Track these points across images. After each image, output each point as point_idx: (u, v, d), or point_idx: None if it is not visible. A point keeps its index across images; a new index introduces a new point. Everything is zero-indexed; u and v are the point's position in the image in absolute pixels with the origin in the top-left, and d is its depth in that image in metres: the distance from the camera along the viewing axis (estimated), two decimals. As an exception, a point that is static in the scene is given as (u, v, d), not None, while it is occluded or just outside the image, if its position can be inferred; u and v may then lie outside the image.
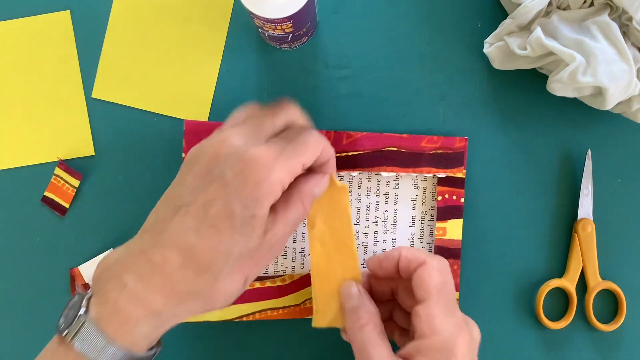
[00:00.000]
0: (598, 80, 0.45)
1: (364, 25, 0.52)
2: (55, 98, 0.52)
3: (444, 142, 0.50)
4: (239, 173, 0.37)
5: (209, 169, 0.39)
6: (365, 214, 0.52)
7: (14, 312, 0.51)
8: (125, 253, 0.39)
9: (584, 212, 0.52)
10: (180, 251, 0.38)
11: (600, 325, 0.52)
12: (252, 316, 0.51)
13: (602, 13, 0.47)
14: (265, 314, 0.51)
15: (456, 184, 0.51)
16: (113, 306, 0.37)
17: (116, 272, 0.38)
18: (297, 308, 0.51)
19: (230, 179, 0.38)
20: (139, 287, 0.37)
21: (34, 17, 0.52)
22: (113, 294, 0.38)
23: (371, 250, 0.52)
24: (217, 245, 0.38)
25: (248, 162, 0.38)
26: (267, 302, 0.51)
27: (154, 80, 0.52)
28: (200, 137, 0.49)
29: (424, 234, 0.52)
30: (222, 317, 0.50)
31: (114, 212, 0.52)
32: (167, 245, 0.38)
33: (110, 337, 0.37)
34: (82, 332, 0.37)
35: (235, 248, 0.38)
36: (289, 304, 0.51)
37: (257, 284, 0.50)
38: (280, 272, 0.52)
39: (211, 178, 0.38)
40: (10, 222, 0.51)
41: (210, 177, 0.38)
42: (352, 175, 0.51)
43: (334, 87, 0.52)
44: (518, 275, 0.52)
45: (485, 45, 0.50)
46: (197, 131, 0.49)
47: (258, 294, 0.50)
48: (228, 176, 0.38)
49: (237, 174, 0.38)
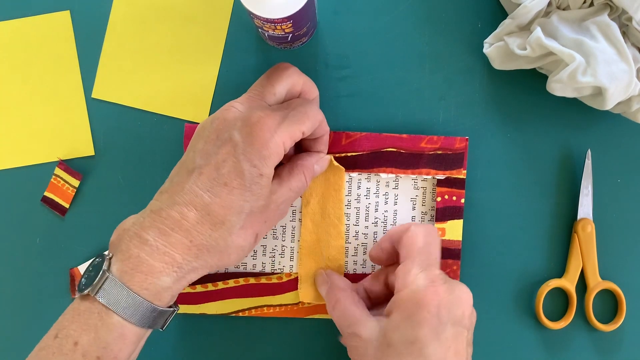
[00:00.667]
0: (598, 80, 0.45)
1: (364, 25, 0.52)
2: (55, 98, 0.52)
3: (444, 143, 0.50)
4: (247, 135, 0.41)
5: (218, 133, 0.42)
6: (364, 214, 0.52)
7: (14, 312, 0.51)
8: (141, 216, 0.42)
9: (583, 212, 0.52)
10: (197, 208, 0.41)
11: (600, 325, 0.52)
12: (247, 312, 0.51)
13: (602, 13, 0.47)
14: (261, 311, 0.51)
15: (456, 185, 0.51)
16: (136, 260, 0.40)
17: (137, 232, 0.41)
18: (295, 307, 0.51)
19: (239, 140, 0.41)
20: (159, 242, 0.40)
21: (34, 17, 0.52)
22: (135, 250, 0.40)
23: None
24: (230, 202, 0.41)
25: (254, 124, 0.41)
26: (263, 299, 0.51)
27: (154, 80, 0.52)
28: None
29: None
30: (218, 311, 0.51)
31: (114, 212, 0.52)
32: (184, 203, 0.41)
33: (134, 289, 0.39)
34: (105, 286, 0.39)
35: (246, 205, 0.41)
36: (286, 302, 0.51)
37: (251, 279, 0.51)
38: (278, 270, 0.52)
39: (221, 142, 0.41)
40: (10, 222, 0.52)
41: (220, 140, 0.42)
42: (352, 176, 0.51)
43: (334, 87, 0.52)
44: (518, 275, 0.52)
45: (485, 46, 0.50)
46: None
47: (253, 290, 0.51)
48: (236, 138, 0.41)
49: (245, 135, 0.41)
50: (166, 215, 0.41)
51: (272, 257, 0.51)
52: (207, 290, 0.51)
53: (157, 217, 0.41)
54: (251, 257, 0.52)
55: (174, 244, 0.40)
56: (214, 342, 0.52)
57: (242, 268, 0.52)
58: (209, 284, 0.51)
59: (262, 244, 0.51)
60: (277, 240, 0.51)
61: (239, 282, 0.51)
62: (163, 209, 0.41)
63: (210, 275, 0.51)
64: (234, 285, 0.51)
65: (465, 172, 0.51)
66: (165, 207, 0.41)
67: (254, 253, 0.52)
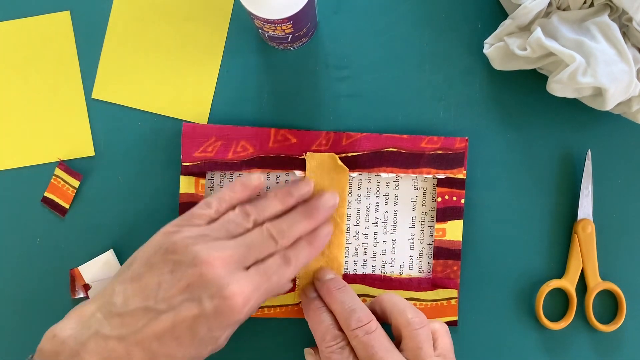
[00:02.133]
0: (598, 80, 0.45)
1: (364, 25, 0.52)
2: (55, 98, 0.52)
3: (444, 143, 0.50)
4: (216, 307, 0.40)
5: (189, 283, 0.41)
6: (365, 214, 0.52)
7: (14, 312, 0.51)
8: (86, 331, 0.41)
9: (583, 212, 0.52)
10: (144, 351, 0.40)
11: (600, 326, 0.52)
12: None
13: (602, 13, 0.47)
14: (261, 312, 0.51)
15: (456, 185, 0.51)
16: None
17: (77, 351, 0.40)
18: (296, 307, 0.51)
19: (206, 307, 0.40)
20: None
21: (34, 17, 0.52)
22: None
23: (371, 251, 0.52)
24: (176, 353, 0.41)
25: (226, 298, 0.41)
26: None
27: (154, 80, 0.52)
28: (198, 141, 0.49)
29: (424, 234, 0.52)
30: None
31: (114, 212, 0.52)
32: (134, 343, 0.40)
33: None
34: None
35: (191, 355, 0.42)
36: (287, 302, 0.51)
37: None
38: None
39: (190, 295, 0.41)
40: (10, 222, 0.52)
41: (190, 294, 0.41)
42: (352, 176, 0.51)
43: (334, 87, 0.52)
44: (518, 275, 0.52)
45: (485, 46, 0.50)
46: (194, 135, 0.50)
47: None
48: (205, 305, 0.40)
49: (214, 307, 0.40)
50: (112, 348, 0.40)
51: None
52: None
53: (103, 345, 0.40)
54: None
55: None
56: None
57: None
58: None
59: None
60: None
61: None
62: (110, 339, 0.40)
63: None
64: None
65: (466, 172, 0.51)
66: (113, 337, 0.40)
67: None
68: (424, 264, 0.52)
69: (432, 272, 0.51)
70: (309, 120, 0.52)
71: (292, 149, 0.50)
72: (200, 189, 0.50)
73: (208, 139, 0.50)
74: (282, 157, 0.50)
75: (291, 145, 0.50)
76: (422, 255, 0.52)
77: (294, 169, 0.51)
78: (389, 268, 0.52)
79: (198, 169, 0.50)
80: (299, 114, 0.52)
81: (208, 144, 0.50)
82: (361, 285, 0.51)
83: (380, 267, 0.52)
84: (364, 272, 0.52)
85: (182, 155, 0.50)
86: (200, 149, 0.50)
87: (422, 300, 0.51)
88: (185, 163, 0.50)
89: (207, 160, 0.50)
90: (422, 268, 0.52)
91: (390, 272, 0.52)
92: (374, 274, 0.52)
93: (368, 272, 0.52)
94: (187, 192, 0.50)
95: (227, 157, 0.50)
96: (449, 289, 0.51)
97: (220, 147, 0.50)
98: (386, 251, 0.52)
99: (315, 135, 0.51)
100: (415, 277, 0.51)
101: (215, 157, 0.50)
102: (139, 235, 0.51)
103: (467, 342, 0.52)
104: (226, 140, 0.50)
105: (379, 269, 0.52)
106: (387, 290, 0.51)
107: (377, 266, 0.52)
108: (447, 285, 0.51)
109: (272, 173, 0.51)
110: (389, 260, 0.52)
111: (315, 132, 0.51)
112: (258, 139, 0.50)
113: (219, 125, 0.50)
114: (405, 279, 0.51)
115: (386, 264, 0.52)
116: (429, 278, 0.51)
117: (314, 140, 0.51)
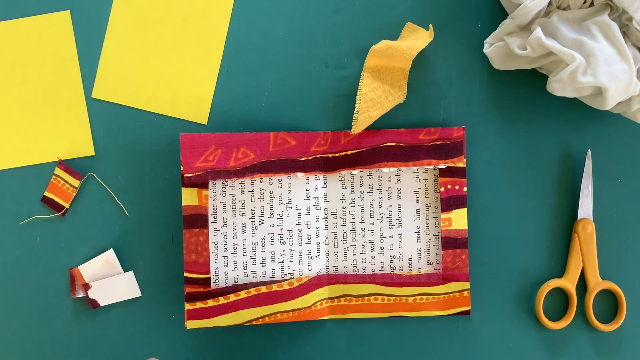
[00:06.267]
0: (598, 80, 0.45)
1: (364, 25, 0.52)
2: (55, 98, 0.52)
3: (442, 133, 0.51)
4: None
5: None
6: (369, 211, 0.52)
7: (14, 312, 0.51)
8: None
9: (584, 212, 0.52)
10: None
11: (600, 326, 0.52)
12: (261, 320, 0.50)
13: (602, 13, 0.47)
14: (274, 317, 0.50)
15: (457, 174, 0.51)
16: None
17: None
18: (308, 310, 0.51)
19: None
20: None
21: (34, 17, 0.52)
22: None
23: (378, 247, 0.52)
24: None
25: None
26: (275, 306, 0.50)
27: (154, 80, 0.52)
28: (198, 150, 0.49)
29: (430, 226, 0.52)
30: (231, 323, 0.50)
31: (114, 212, 0.52)
32: None
33: None
34: None
35: None
36: (299, 306, 0.51)
37: (263, 288, 0.50)
38: (287, 275, 0.51)
39: None
40: (10, 222, 0.51)
41: None
42: (353, 174, 0.51)
43: (334, 87, 0.52)
44: (518, 275, 0.52)
45: (485, 46, 0.50)
46: (193, 145, 0.49)
47: (265, 299, 0.50)
48: None
49: None
50: None
51: (281, 263, 0.51)
52: (219, 304, 0.50)
53: None
54: (260, 265, 0.51)
55: None
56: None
57: (252, 277, 0.51)
58: (220, 297, 0.50)
59: (270, 250, 0.51)
60: (285, 245, 0.51)
61: (250, 293, 0.50)
62: None
63: (221, 288, 0.50)
64: (245, 296, 0.50)
65: (465, 161, 0.51)
66: None
67: (262, 260, 0.51)
68: (432, 255, 0.52)
69: (442, 264, 0.51)
70: (308, 119, 0.52)
71: (292, 152, 0.50)
72: (204, 200, 0.50)
73: (208, 147, 0.49)
74: (283, 161, 0.50)
75: (291, 147, 0.50)
76: (429, 247, 0.52)
77: (296, 172, 0.51)
78: (398, 263, 0.52)
79: (201, 179, 0.49)
80: (298, 113, 0.52)
81: (209, 152, 0.49)
82: (371, 284, 0.51)
83: (388, 262, 0.52)
84: (373, 270, 0.52)
85: (183, 167, 0.49)
86: (201, 159, 0.49)
87: (434, 295, 0.51)
88: (188, 174, 0.49)
89: (209, 169, 0.49)
90: (430, 260, 0.52)
91: (400, 268, 0.52)
92: (383, 271, 0.52)
93: (377, 269, 0.52)
94: (190, 205, 0.50)
95: (230, 165, 0.50)
96: (460, 281, 0.51)
97: (221, 155, 0.50)
98: (393, 246, 0.52)
99: (314, 136, 0.51)
100: (425, 272, 0.51)
101: (217, 165, 0.49)
102: (139, 235, 0.51)
103: (468, 338, 0.52)
104: (226, 147, 0.50)
105: (387, 265, 0.52)
106: (399, 288, 0.51)
107: (386, 262, 0.52)
108: (458, 279, 0.51)
109: (274, 177, 0.51)
110: (397, 254, 0.52)
111: (314, 133, 0.51)
112: (258, 144, 0.50)
113: (217, 133, 0.50)
114: (416, 275, 0.51)
115: (394, 258, 0.52)
116: (439, 273, 0.51)
117: (313, 140, 0.51)
